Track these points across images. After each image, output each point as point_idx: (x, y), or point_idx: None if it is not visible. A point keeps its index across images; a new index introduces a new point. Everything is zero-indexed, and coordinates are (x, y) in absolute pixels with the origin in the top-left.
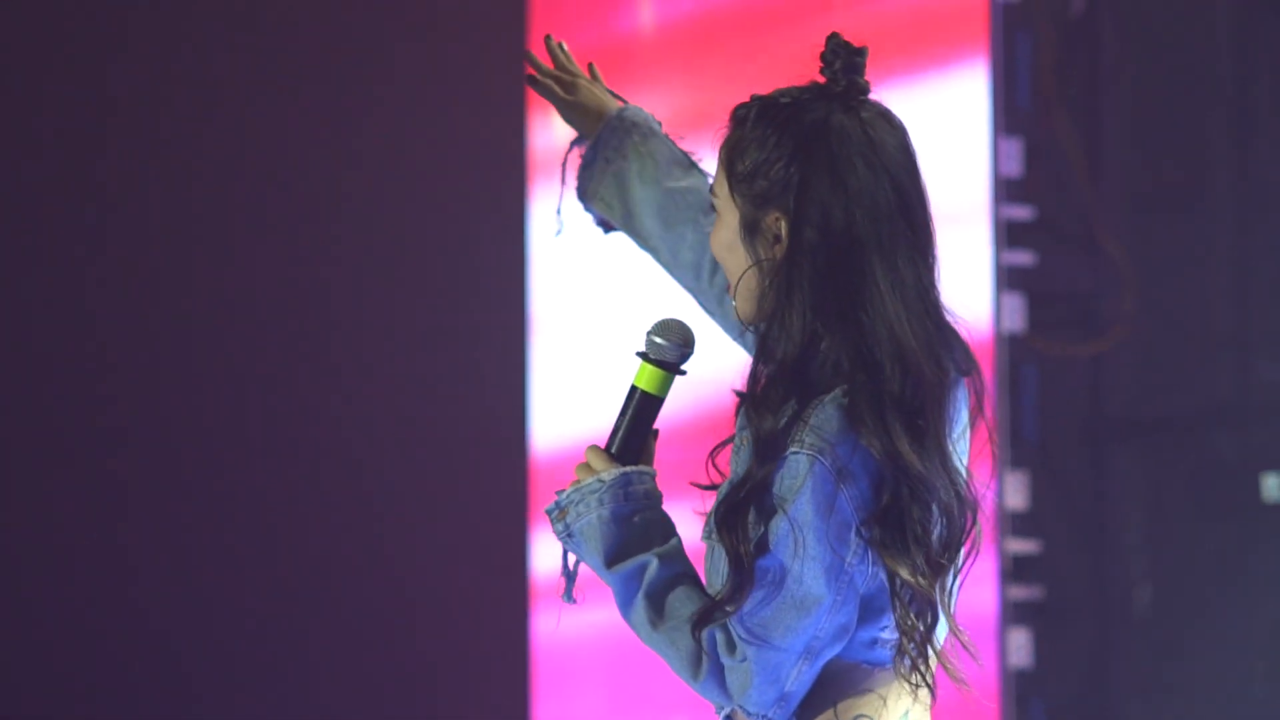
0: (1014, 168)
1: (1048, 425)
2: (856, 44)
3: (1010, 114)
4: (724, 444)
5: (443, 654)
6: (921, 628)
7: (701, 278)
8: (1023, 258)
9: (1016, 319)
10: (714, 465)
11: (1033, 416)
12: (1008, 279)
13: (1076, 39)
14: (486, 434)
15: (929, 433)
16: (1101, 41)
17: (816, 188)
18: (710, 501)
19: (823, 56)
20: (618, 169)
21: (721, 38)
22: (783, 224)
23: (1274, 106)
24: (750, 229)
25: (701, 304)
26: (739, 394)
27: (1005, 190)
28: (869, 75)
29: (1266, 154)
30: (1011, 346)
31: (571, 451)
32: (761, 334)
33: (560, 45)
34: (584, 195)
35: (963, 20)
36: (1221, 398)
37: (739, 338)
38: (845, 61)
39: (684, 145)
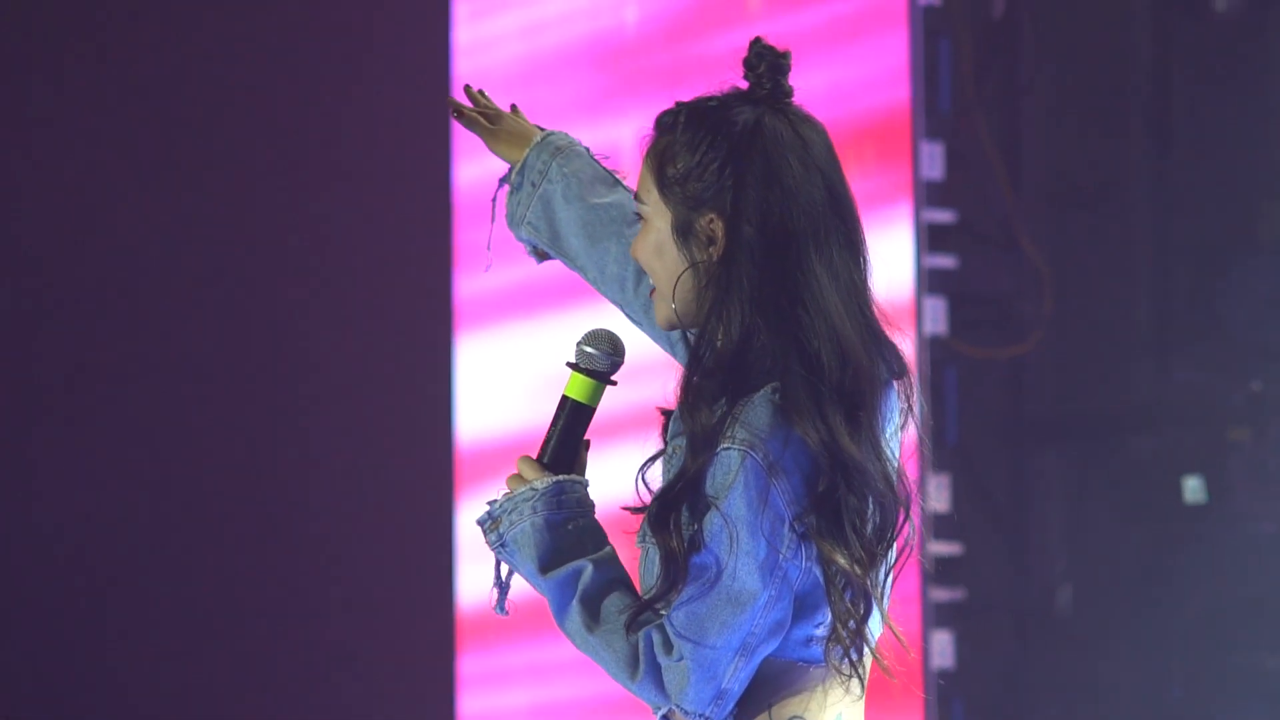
0: (936, 171)
1: (969, 428)
2: (779, 49)
3: (931, 118)
4: (653, 459)
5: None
6: (857, 615)
7: (627, 289)
8: (944, 261)
9: (938, 322)
10: (644, 483)
11: (954, 419)
12: (929, 282)
13: (996, 43)
14: (412, 440)
15: (864, 425)
16: (1021, 45)
17: (753, 186)
18: (640, 522)
19: (746, 61)
20: (544, 192)
21: (643, 47)
22: (718, 225)
23: (1191, 110)
24: (684, 232)
25: (629, 315)
26: (663, 411)
27: (927, 194)
28: (793, 80)
29: (1184, 157)
30: (933, 349)
31: (498, 456)
32: (697, 333)
33: (481, 92)
34: (513, 222)
35: (883, 24)
36: (1141, 400)
37: (669, 346)
38: (770, 64)
39: (608, 164)
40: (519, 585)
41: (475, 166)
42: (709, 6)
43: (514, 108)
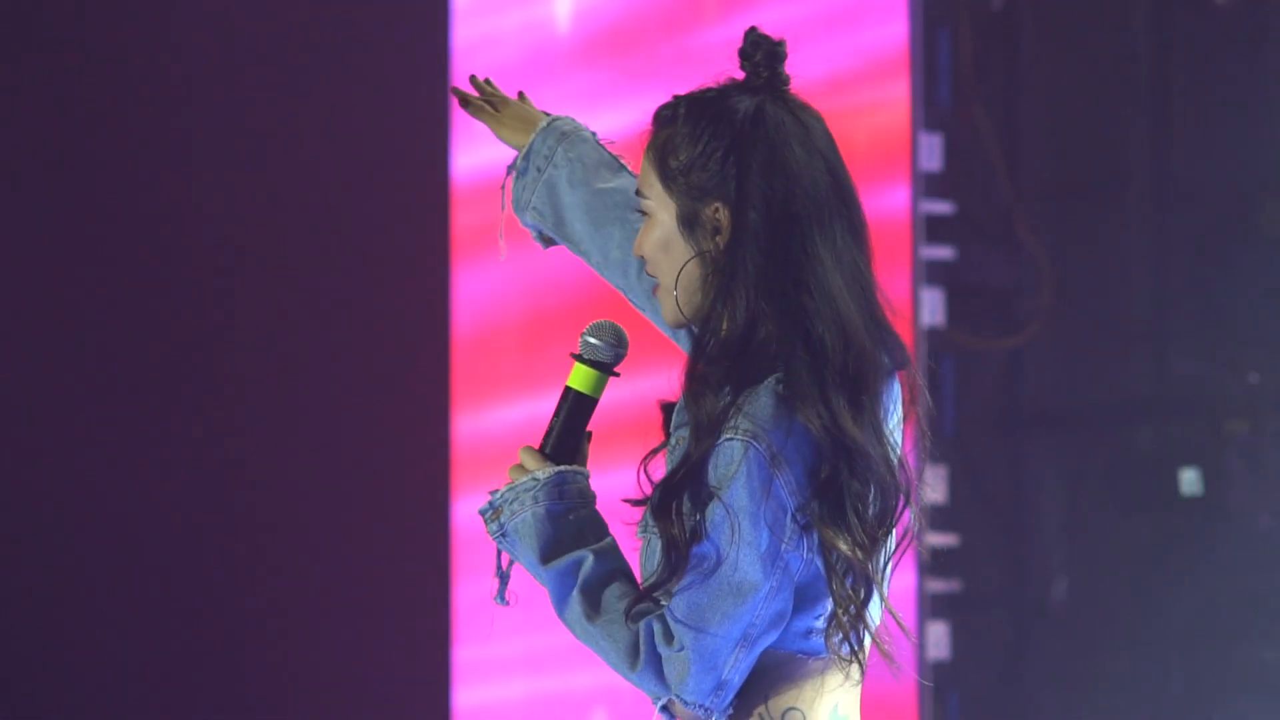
0: (934, 163)
1: (966, 419)
2: (774, 37)
3: (930, 110)
4: (655, 451)
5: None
6: (857, 600)
7: (630, 274)
8: (942, 252)
9: (936, 313)
10: (646, 474)
11: (951, 410)
12: (927, 273)
13: (996, 35)
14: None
15: (867, 409)
16: (1020, 37)
17: (757, 173)
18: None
19: (742, 50)
20: (549, 177)
21: (642, 38)
22: (723, 213)
23: (1191, 102)
24: (689, 223)
25: (633, 300)
26: (663, 405)
27: (925, 185)
28: (791, 70)
29: (1183, 150)
30: (931, 340)
31: (495, 450)
32: (703, 321)
33: (487, 80)
34: (519, 207)
35: (882, 15)
36: (1139, 392)
37: (672, 332)
38: (766, 52)
39: (614, 150)
40: (518, 576)
41: (473, 156)
42: None
43: (521, 95)
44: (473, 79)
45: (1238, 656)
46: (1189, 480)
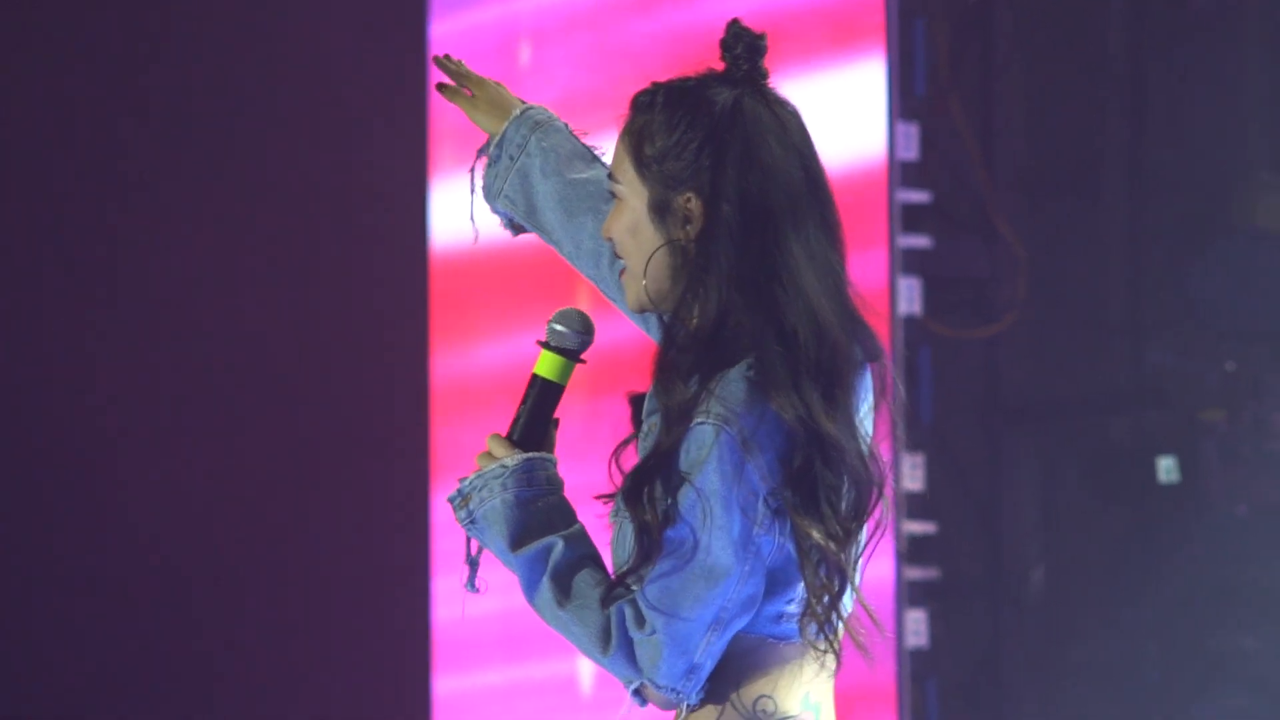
0: (911, 153)
1: (943, 408)
2: (756, 30)
3: (907, 99)
4: (626, 443)
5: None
6: (831, 590)
7: (601, 265)
8: (919, 241)
9: (913, 302)
10: (617, 466)
11: (928, 399)
12: (904, 262)
13: (972, 25)
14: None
15: (840, 402)
16: (997, 28)
17: (731, 166)
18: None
19: (723, 42)
20: (521, 165)
21: (619, 28)
22: (695, 203)
23: (1166, 93)
24: (660, 210)
25: (604, 290)
26: (632, 398)
27: (902, 175)
28: (768, 61)
29: (1159, 141)
30: (907, 329)
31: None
32: (673, 311)
33: (460, 63)
34: (489, 194)
35: (859, 5)
36: (1115, 381)
37: (642, 322)
38: (747, 46)
39: (587, 141)
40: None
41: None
42: None
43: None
44: (440, 59)
45: (1215, 645)
46: (1166, 469)
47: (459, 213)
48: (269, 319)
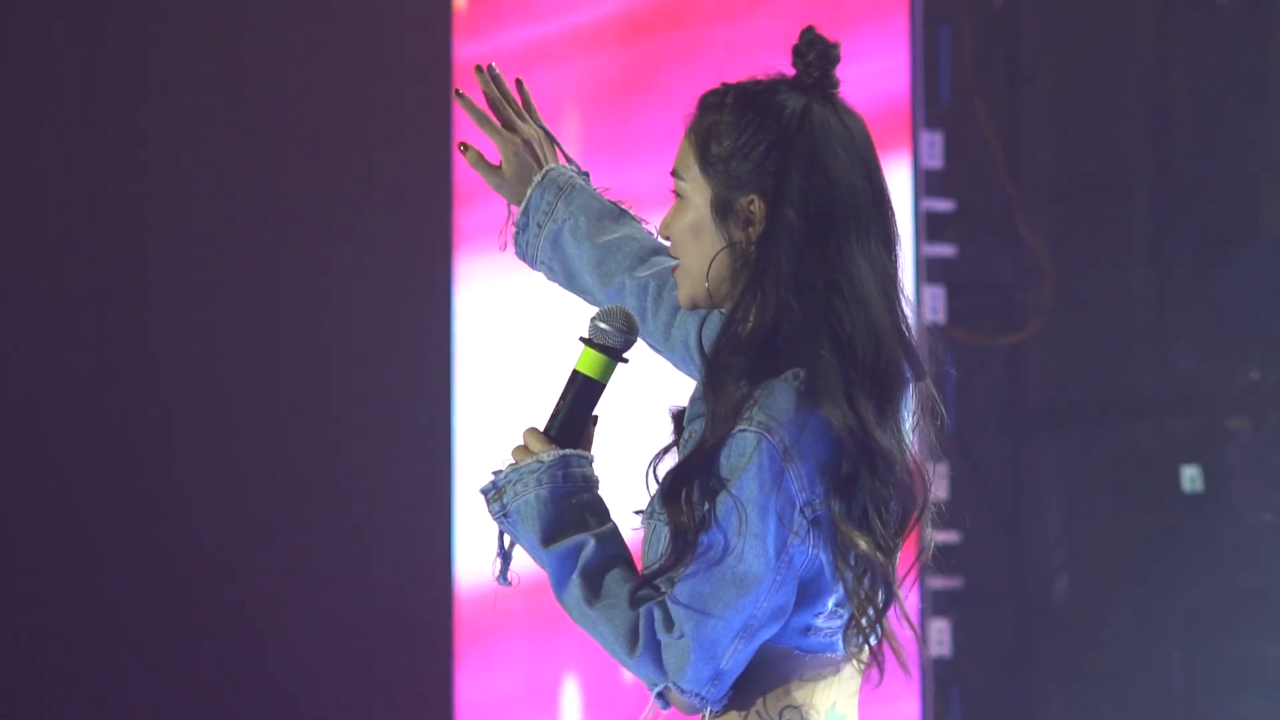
0: (935, 160)
1: (967, 416)
2: (830, 39)
3: (931, 107)
4: (664, 451)
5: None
6: (875, 603)
7: (645, 320)
8: (943, 249)
9: (937, 310)
10: (654, 476)
11: (952, 407)
12: (928, 270)
13: (997, 33)
14: (411, 428)
15: (892, 414)
16: (1022, 35)
17: (797, 171)
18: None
19: (796, 49)
20: (551, 232)
21: (649, 35)
22: (759, 206)
23: (1192, 101)
24: (722, 210)
25: (648, 342)
26: (674, 414)
27: (926, 183)
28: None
29: (1184, 148)
30: (931, 337)
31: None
32: (728, 313)
33: (492, 68)
34: (526, 259)
35: (884, 11)
36: (1140, 389)
37: (688, 369)
38: (820, 53)
39: (610, 196)
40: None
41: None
42: None
43: (520, 84)
44: (477, 69)
45: (1239, 652)
46: (1190, 477)
47: (485, 223)
48: (296, 317)
